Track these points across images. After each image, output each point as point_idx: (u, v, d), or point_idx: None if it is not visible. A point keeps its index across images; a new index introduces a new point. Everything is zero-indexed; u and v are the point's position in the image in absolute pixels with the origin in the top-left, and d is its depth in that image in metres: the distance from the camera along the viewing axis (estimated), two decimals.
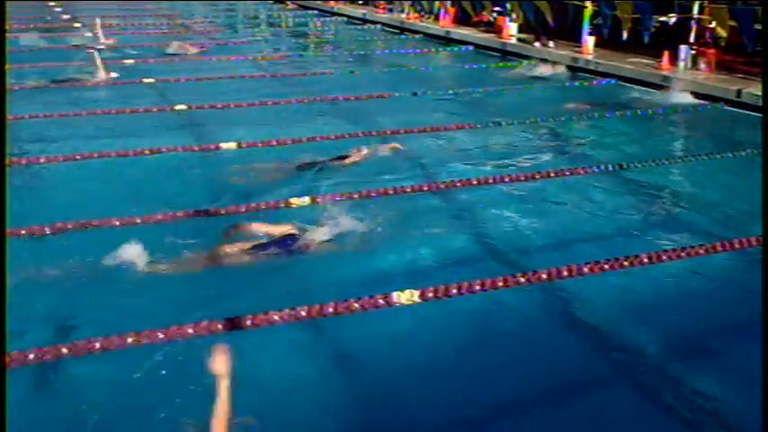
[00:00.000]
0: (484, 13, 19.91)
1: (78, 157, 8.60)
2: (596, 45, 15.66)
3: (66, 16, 23.71)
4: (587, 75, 14.83)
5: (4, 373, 3.09)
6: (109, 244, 6.29)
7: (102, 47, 13.66)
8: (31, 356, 4.62)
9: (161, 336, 4.82)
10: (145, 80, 13.17)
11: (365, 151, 8.90)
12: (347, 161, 8.77)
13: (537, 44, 16.52)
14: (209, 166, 8.76)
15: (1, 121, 4.44)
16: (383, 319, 5.32)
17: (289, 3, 28.95)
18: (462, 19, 20.61)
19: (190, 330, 4.89)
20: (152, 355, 4.79)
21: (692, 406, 4.58)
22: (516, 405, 4.61)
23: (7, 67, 12.98)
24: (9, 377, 4.52)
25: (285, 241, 6.48)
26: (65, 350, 4.68)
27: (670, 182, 8.61)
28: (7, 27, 18.76)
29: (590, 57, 15.32)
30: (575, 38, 16.18)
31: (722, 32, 13.52)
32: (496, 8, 19.03)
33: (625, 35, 15.51)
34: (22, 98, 11.74)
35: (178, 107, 11.26)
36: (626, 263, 6.05)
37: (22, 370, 4.58)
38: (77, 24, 21.74)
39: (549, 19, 16.83)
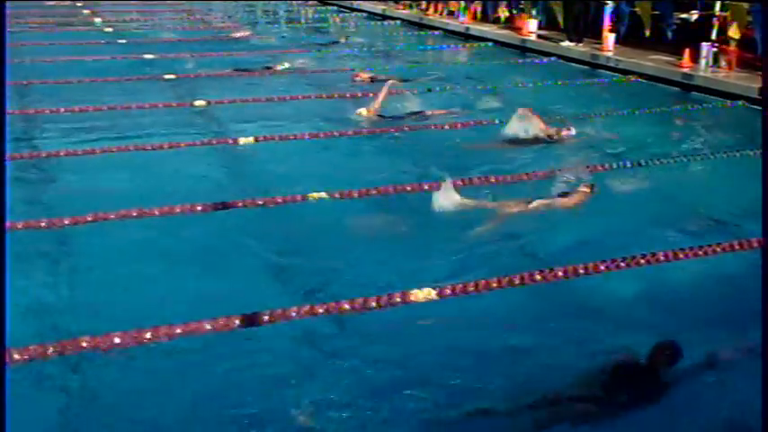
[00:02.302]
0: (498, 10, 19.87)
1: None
2: (617, 42, 15.58)
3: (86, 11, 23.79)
4: (607, 72, 14.76)
5: (4, 372, 3.09)
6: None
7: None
8: (51, 350, 4.66)
9: (178, 331, 4.85)
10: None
11: None
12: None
13: (566, 43, 16.39)
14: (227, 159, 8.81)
15: (1, 121, 4.46)
16: (401, 316, 5.33)
17: None
18: (483, 14, 20.56)
19: (207, 326, 4.91)
20: (170, 350, 4.81)
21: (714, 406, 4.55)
22: (534, 402, 4.59)
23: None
24: (29, 370, 4.58)
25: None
26: (84, 344, 4.72)
27: (690, 179, 8.55)
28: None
29: (610, 54, 15.24)
30: (595, 35, 16.11)
31: (735, 34, 13.39)
32: (510, 9, 19.04)
33: (647, 33, 15.40)
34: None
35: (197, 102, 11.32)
36: (642, 261, 6.04)
37: (42, 363, 4.61)
38: (98, 20, 21.84)
39: (560, 18, 16.74)
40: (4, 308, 3.21)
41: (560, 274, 5.81)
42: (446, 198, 7.06)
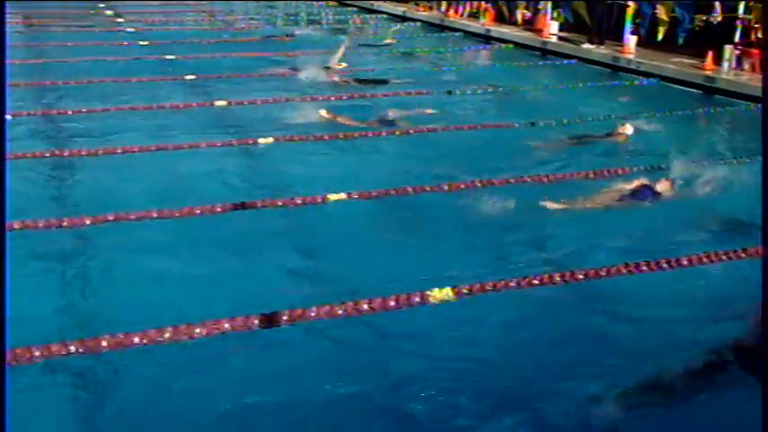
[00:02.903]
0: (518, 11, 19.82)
1: None
2: (638, 45, 15.52)
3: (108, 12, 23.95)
4: (629, 74, 14.70)
5: (4, 372, 3.10)
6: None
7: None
8: (72, 349, 4.69)
9: (198, 330, 4.87)
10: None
11: None
12: None
13: (588, 45, 16.33)
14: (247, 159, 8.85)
15: (1, 121, 4.49)
16: (419, 316, 5.33)
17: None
18: (504, 16, 20.54)
19: (226, 325, 4.93)
20: (189, 349, 4.83)
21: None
22: (551, 404, 4.57)
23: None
24: (50, 368, 4.61)
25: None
26: (104, 343, 4.74)
27: (712, 183, 8.47)
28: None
29: (632, 56, 15.17)
30: (617, 37, 16.04)
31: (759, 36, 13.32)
32: (528, 10, 18.99)
33: (660, 35, 15.32)
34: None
35: (218, 103, 11.37)
36: (665, 264, 6.01)
37: (62, 361, 4.64)
38: (120, 20, 21.98)
39: (587, 19, 16.66)
40: (4, 308, 3.21)
41: (580, 276, 5.79)
42: None
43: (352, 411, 4.46)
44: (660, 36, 15.37)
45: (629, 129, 9.98)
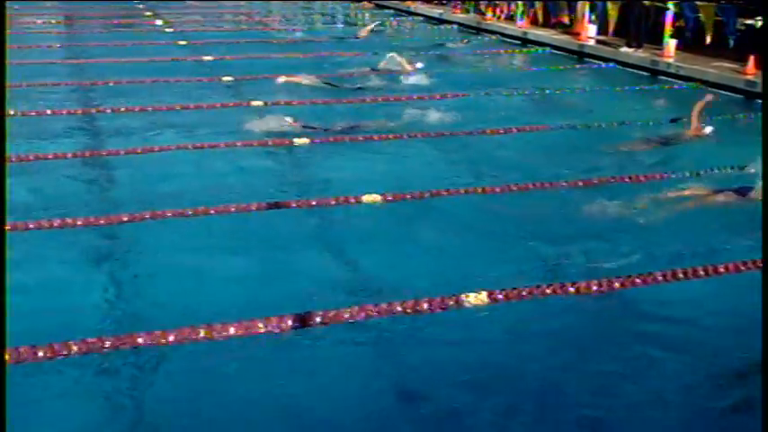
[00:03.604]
0: (562, 14, 19.66)
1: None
2: (678, 48, 15.36)
3: (148, 13, 24.16)
4: (668, 78, 14.56)
5: (4, 373, 3.13)
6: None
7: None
8: (108, 344, 4.74)
9: (232, 330, 4.89)
10: None
11: None
12: None
13: (625, 48, 16.20)
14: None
15: (1, 121, 4.53)
16: (453, 319, 5.31)
17: (366, 2, 29.00)
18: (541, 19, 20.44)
19: (260, 325, 4.95)
20: (223, 348, 4.86)
21: None
22: (587, 412, 4.54)
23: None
24: (81, 363, 4.66)
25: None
26: (140, 340, 4.79)
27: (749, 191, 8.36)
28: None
29: (671, 60, 15.01)
30: (656, 41, 15.89)
31: None
32: (569, 15, 18.86)
33: (708, 39, 15.15)
34: None
35: (254, 103, 11.44)
36: (701, 272, 5.94)
37: (99, 356, 4.69)
38: (159, 21, 22.18)
39: (614, 24, 16.51)
40: (4, 308, 3.24)
41: (617, 285, 5.73)
42: None
43: (384, 414, 4.45)
44: (708, 39, 15.15)
45: (707, 129, 10.04)
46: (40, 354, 4.57)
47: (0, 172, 6.95)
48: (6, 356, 4.43)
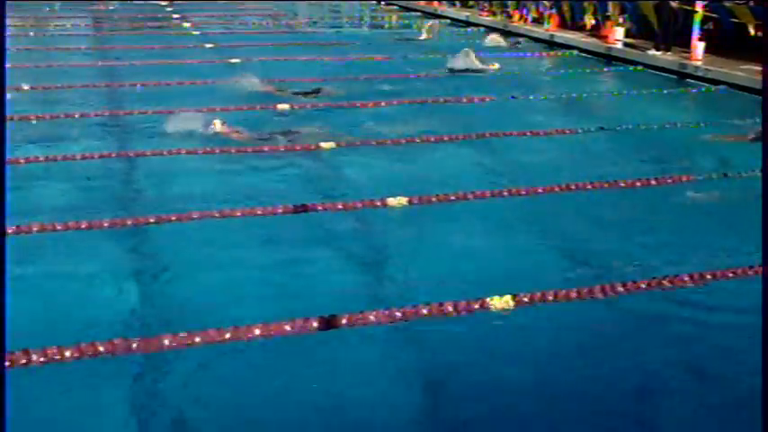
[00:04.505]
0: (586, 18, 19.58)
1: None
2: (706, 51, 15.23)
3: (176, 15, 24.32)
4: (695, 81, 14.45)
5: (4, 374, 3.15)
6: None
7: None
8: (134, 346, 4.77)
9: (257, 332, 4.91)
10: None
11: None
12: None
13: (653, 51, 16.09)
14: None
15: (1, 122, 4.56)
16: (478, 322, 5.30)
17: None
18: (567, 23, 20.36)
19: (287, 327, 4.96)
20: (249, 350, 4.87)
21: None
22: (612, 418, 4.51)
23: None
24: (114, 365, 4.69)
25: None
26: (166, 342, 4.81)
27: None
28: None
29: (699, 63, 14.89)
30: (683, 43, 15.77)
31: None
32: (597, 16, 18.72)
33: (752, 32, 14.93)
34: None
35: (281, 106, 11.48)
36: (731, 274, 5.89)
37: (125, 358, 4.72)
38: (186, 24, 22.32)
39: (655, 25, 16.37)
40: (4, 308, 3.26)
41: (643, 286, 5.69)
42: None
43: (411, 416, 4.45)
44: (752, 32, 14.93)
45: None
46: (68, 354, 4.60)
47: (0, 173, 6.98)
48: (33, 357, 4.48)
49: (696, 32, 15.35)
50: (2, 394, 2.99)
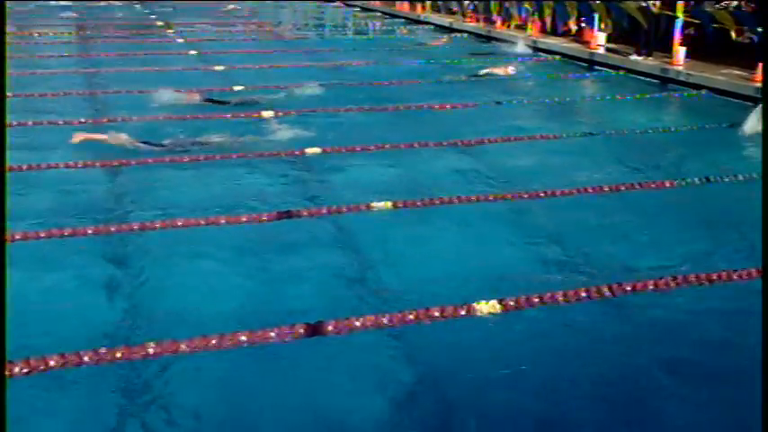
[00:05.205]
0: (570, 23, 19.64)
1: None
2: (687, 56, 15.34)
3: (159, 22, 24.28)
4: (677, 86, 14.55)
5: (4, 375, 3.14)
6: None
7: None
8: (119, 354, 4.74)
9: (243, 339, 4.89)
10: None
11: None
12: None
13: (635, 56, 16.19)
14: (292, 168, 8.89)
15: (1, 122, 4.53)
16: (464, 328, 5.30)
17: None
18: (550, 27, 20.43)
19: (272, 334, 4.95)
20: (234, 358, 4.86)
21: None
22: (600, 421, 4.52)
23: None
24: (93, 373, 4.66)
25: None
26: (150, 350, 4.79)
27: (757, 197, 8.34)
28: None
29: (680, 68, 14.99)
30: (665, 48, 15.87)
31: None
32: (583, 18, 18.78)
33: (734, 35, 15.04)
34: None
35: (265, 113, 11.48)
36: (716, 277, 5.93)
37: (109, 367, 4.70)
38: (170, 31, 22.29)
39: (644, 24, 16.37)
40: (4, 309, 3.25)
41: (628, 289, 5.71)
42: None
43: (397, 422, 4.44)
44: (734, 36, 15.02)
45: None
46: (52, 363, 4.57)
47: (0, 173, 6.96)
48: (15, 369, 4.45)
49: (678, 31, 15.42)
50: (2, 395, 2.98)
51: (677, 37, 15.43)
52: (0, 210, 3.71)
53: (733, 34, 14.91)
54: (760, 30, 14.23)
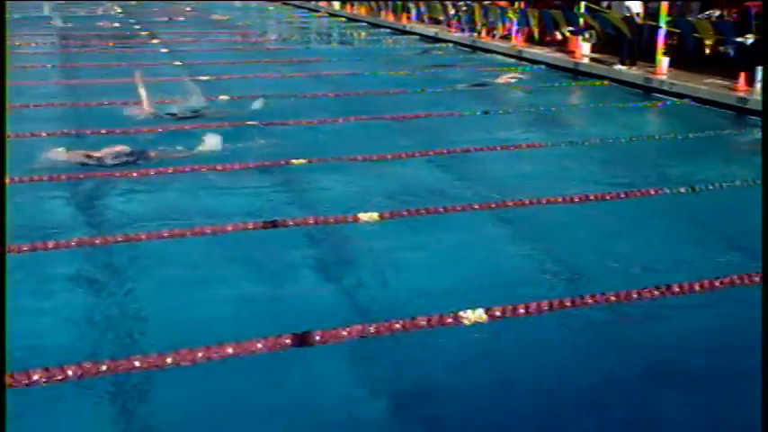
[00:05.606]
0: (556, 32, 19.72)
1: None
2: (670, 65, 15.45)
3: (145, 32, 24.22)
4: (660, 95, 14.64)
5: (4, 376, 3.13)
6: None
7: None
8: (104, 368, 4.71)
9: (230, 350, 4.87)
10: None
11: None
12: None
13: (619, 66, 16.29)
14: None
15: (1, 123, 4.51)
16: (451, 336, 5.30)
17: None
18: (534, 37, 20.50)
19: (259, 345, 4.93)
20: (221, 369, 4.83)
21: None
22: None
23: None
24: (82, 386, 4.63)
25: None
26: (136, 363, 4.76)
27: (740, 205, 8.40)
28: None
29: (664, 77, 15.10)
30: (648, 58, 15.97)
31: None
32: (569, 27, 18.84)
33: (708, 50, 15.13)
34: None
35: (250, 123, 11.47)
36: (698, 287, 5.95)
37: (94, 380, 4.66)
38: (155, 41, 22.26)
39: (628, 34, 16.43)
40: (4, 312, 3.24)
41: (613, 298, 5.73)
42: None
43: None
44: (708, 50, 15.10)
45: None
46: (36, 377, 4.54)
47: (0, 174, 6.92)
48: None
49: (661, 41, 15.51)
50: (2, 396, 2.96)
51: (660, 47, 15.53)
52: (0, 215, 3.69)
53: (707, 50, 14.99)
54: (739, 40, 14.33)
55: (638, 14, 16.31)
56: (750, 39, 14.27)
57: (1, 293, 3.28)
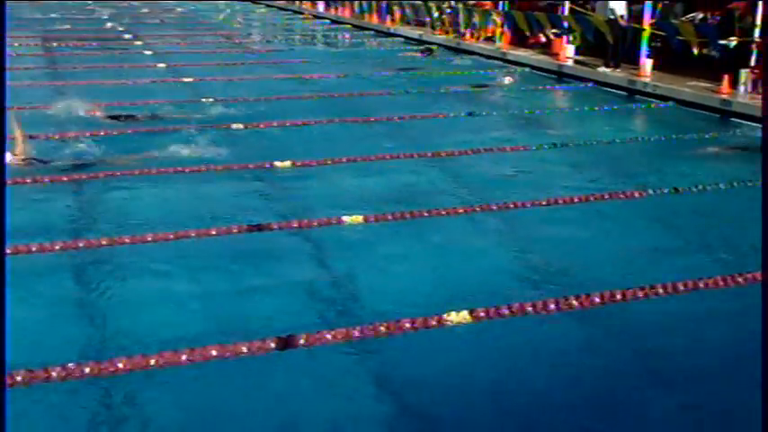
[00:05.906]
0: (540, 34, 19.77)
1: None
2: (654, 68, 15.53)
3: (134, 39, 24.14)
4: (644, 98, 14.72)
5: (4, 377, 3.11)
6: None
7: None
8: (87, 370, 4.70)
9: (214, 353, 4.87)
10: None
11: None
12: None
13: (604, 68, 16.36)
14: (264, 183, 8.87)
15: (0, 121, 4.48)
16: (434, 339, 5.31)
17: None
18: (519, 39, 20.55)
19: (243, 349, 4.93)
20: (205, 372, 4.83)
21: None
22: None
23: None
24: (66, 389, 4.61)
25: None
26: (120, 365, 4.75)
27: (723, 207, 8.45)
28: None
29: (647, 80, 15.18)
30: (632, 60, 16.05)
31: None
32: (554, 30, 18.90)
33: (696, 51, 15.19)
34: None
35: (235, 126, 11.45)
36: (682, 287, 5.99)
37: (78, 383, 4.65)
38: (138, 43, 22.20)
39: (610, 39, 16.51)
40: (4, 312, 3.22)
41: (597, 300, 5.76)
42: None
43: None
44: (696, 51, 15.16)
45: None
46: (18, 379, 4.52)
47: (0, 174, 6.86)
48: None
49: (644, 51, 15.64)
50: (2, 396, 2.95)
51: (644, 50, 15.62)
52: (0, 215, 3.67)
53: (695, 50, 15.08)
54: (723, 43, 14.42)
55: (622, 16, 16.38)
56: (733, 41, 14.37)
57: (1, 293, 3.26)
